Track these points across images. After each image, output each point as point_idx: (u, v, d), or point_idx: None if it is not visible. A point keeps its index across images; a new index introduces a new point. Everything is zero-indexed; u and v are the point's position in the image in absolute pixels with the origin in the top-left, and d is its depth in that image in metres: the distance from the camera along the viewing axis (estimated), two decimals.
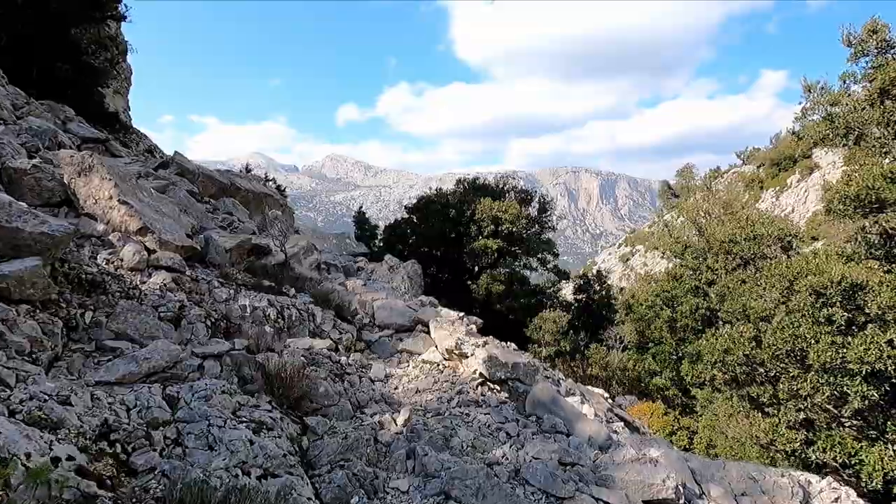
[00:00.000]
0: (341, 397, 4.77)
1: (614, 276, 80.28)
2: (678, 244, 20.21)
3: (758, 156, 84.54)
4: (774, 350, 8.14)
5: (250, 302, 5.56)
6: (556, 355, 24.25)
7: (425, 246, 27.80)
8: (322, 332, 6.04)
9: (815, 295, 7.70)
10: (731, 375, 9.40)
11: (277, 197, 12.87)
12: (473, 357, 5.93)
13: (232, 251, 6.60)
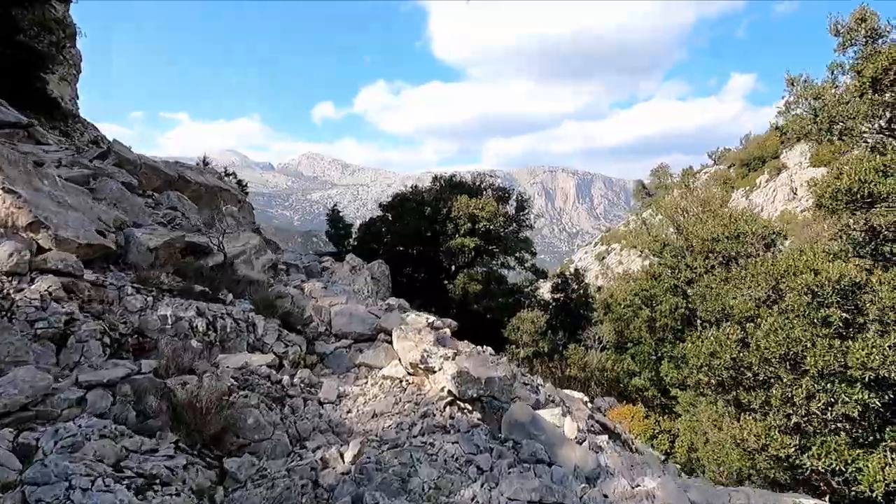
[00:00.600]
0: (276, 428, 3.87)
1: (590, 274, 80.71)
2: (657, 242, 19.79)
3: (728, 156, 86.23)
4: (766, 353, 7.58)
5: (173, 311, 4.61)
6: (535, 356, 23.64)
7: (400, 245, 26.86)
8: (264, 345, 5.13)
9: (811, 295, 7.17)
10: (718, 380, 8.83)
11: (235, 192, 11.81)
12: (441, 372, 5.11)
13: (158, 251, 5.61)
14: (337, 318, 6.24)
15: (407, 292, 25.90)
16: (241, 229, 8.47)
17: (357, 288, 7.10)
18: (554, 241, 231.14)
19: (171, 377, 3.82)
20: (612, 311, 21.23)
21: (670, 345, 18.28)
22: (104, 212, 5.83)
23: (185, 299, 4.97)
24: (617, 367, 20.52)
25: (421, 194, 26.77)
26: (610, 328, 21.63)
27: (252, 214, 12.44)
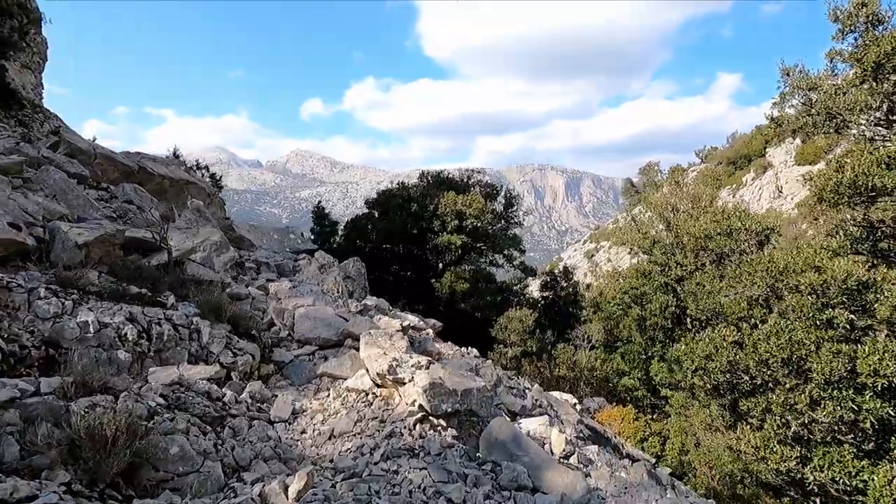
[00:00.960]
0: (208, 458, 3.23)
1: (579, 272, 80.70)
2: (646, 239, 19.35)
3: (715, 154, 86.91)
4: (765, 357, 7.09)
5: (97, 317, 3.93)
6: (523, 356, 23.14)
7: (387, 242, 26.19)
8: (209, 354, 4.47)
9: (815, 295, 6.68)
10: (714, 384, 8.34)
11: (204, 186, 11.07)
12: (412, 384, 4.49)
13: (90, 247, 4.92)
14: (301, 322, 5.59)
15: (393, 291, 25.24)
16: (201, 225, 7.77)
17: (327, 288, 6.44)
18: (543, 239, 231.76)
19: (79, 398, 3.15)
20: (602, 309, 20.78)
21: (660, 344, 17.87)
22: (33, 203, 5.12)
23: (116, 303, 4.29)
24: (606, 366, 20.07)
25: (407, 191, 26.11)
26: (599, 327, 21.19)
27: (223, 210, 11.70)
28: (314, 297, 6.36)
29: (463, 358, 10.35)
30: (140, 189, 8.27)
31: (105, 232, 5.19)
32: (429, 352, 9.11)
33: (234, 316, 4.97)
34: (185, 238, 6.81)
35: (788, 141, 71.91)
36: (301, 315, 5.70)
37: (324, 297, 6.38)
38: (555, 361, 22.14)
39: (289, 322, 5.72)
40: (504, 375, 10.99)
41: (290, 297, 6.27)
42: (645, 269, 18.80)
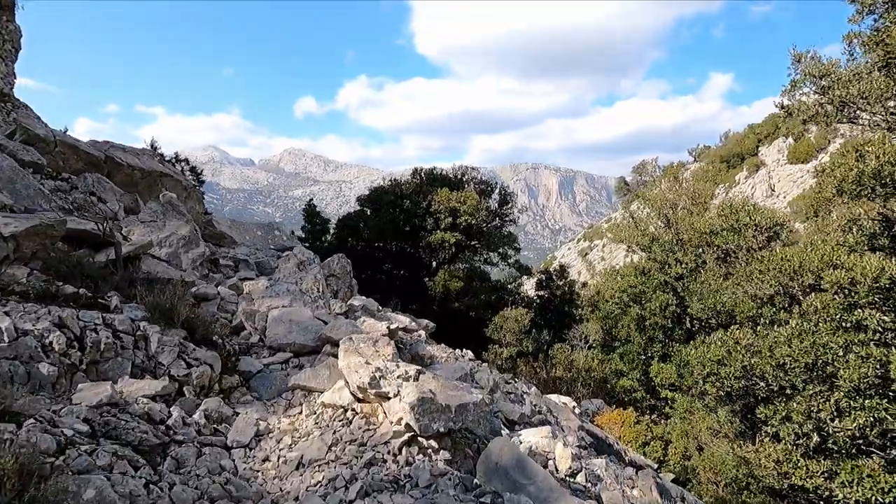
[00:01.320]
0: (136, 502, 2.53)
1: (573, 270, 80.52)
2: (645, 237, 18.78)
3: (709, 153, 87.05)
4: (784, 361, 6.49)
5: (13, 323, 3.24)
6: (518, 356, 22.54)
7: (379, 240, 25.48)
8: (157, 366, 3.77)
9: (842, 294, 6.08)
10: (727, 391, 7.74)
11: (180, 178, 10.31)
12: (398, 399, 3.82)
13: (20, 239, 4.19)
14: (273, 326, 4.91)
15: (386, 290, 24.54)
16: (169, 218, 7.05)
17: (305, 287, 5.77)
18: (537, 238, 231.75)
19: None
20: (599, 308, 20.20)
21: (660, 344, 17.32)
22: None
23: (44, 305, 3.59)
24: (604, 367, 19.50)
25: (400, 187, 25.41)
26: (596, 326, 20.62)
27: (202, 204, 10.95)
28: (291, 297, 5.67)
29: (457, 361, 9.70)
30: (104, 180, 7.54)
31: (40, 222, 4.45)
32: (420, 355, 8.44)
33: (192, 319, 4.26)
34: (147, 232, 6.08)
35: (781, 140, 72.02)
36: (274, 318, 5.01)
37: (302, 298, 5.69)
38: (551, 362, 21.54)
39: (260, 326, 5.03)
40: (501, 380, 10.35)
41: (265, 297, 5.58)
42: (644, 267, 18.24)
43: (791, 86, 10.91)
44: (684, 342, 17.16)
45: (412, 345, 9.48)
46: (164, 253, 6.12)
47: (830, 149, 65.01)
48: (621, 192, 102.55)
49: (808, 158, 66.37)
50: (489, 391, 8.91)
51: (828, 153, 64.52)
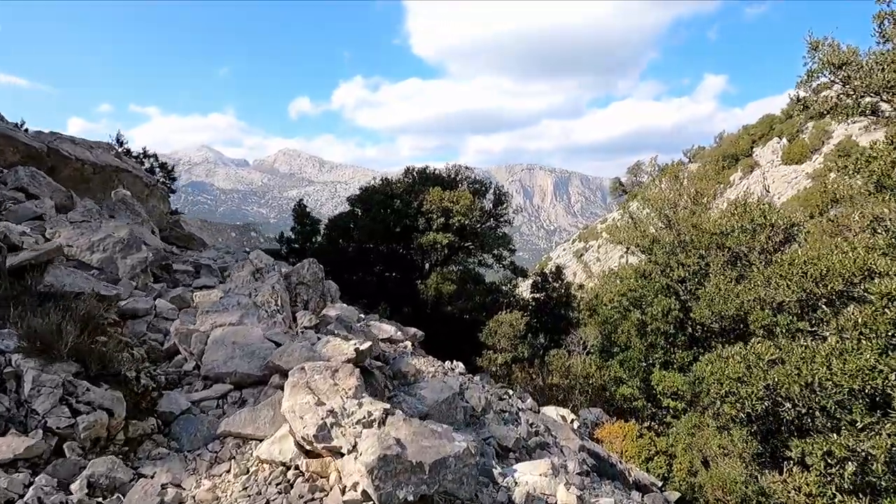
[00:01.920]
0: None
1: (569, 271, 79.95)
2: (645, 238, 17.90)
3: (703, 154, 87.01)
4: (821, 383, 5.60)
5: None
6: (514, 361, 21.63)
7: (369, 241, 24.50)
8: (29, 415, 2.80)
9: (889, 305, 5.20)
10: (747, 413, 6.84)
11: (140, 175, 9.29)
12: (355, 456, 2.87)
13: None
14: (213, 350, 3.94)
15: (376, 293, 23.55)
16: (106, 219, 6.05)
17: (261, 299, 4.79)
18: (532, 238, 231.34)
19: None
20: (598, 313, 19.30)
21: (662, 351, 16.43)
22: None
23: None
24: (603, 373, 18.61)
25: (390, 187, 24.43)
26: (595, 331, 19.72)
27: (166, 202, 9.93)
28: (242, 312, 4.70)
29: (446, 377, 8.75)
30: (40, 174, 6.53)
31: None
32: (403, 372, 7.48)
33: (86, 349, 3.25)
34: (76, 235, 5.09)
35: (775, 140, 71.70)
36: (215, 339, 4.04)
37: (256, 312, 4.73)
38: (547, 368, 20.64)
39: (198, 349, 4.06)
40: (494, 395, 9.40)
41: (210, 312, 4.60)
42: (644, 269, 17.34)
43: (807, 76, 9.98)
44: (687, 349, 16.29)
45: (395, 359, 8.51)
46: (95, 259, 5.14)
47: (825, 150, 64.73)
48: (616, 192, 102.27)
49: (802, 159, 66.05)
50: (481, 411, 7.96)
51: (822, 154, 64.23)
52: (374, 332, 9.84)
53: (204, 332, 4.29)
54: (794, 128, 71.62)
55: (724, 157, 75.34)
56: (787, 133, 71.33)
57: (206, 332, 4.30)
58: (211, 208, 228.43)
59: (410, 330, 11.89)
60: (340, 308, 9.38)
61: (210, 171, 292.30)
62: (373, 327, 9.95)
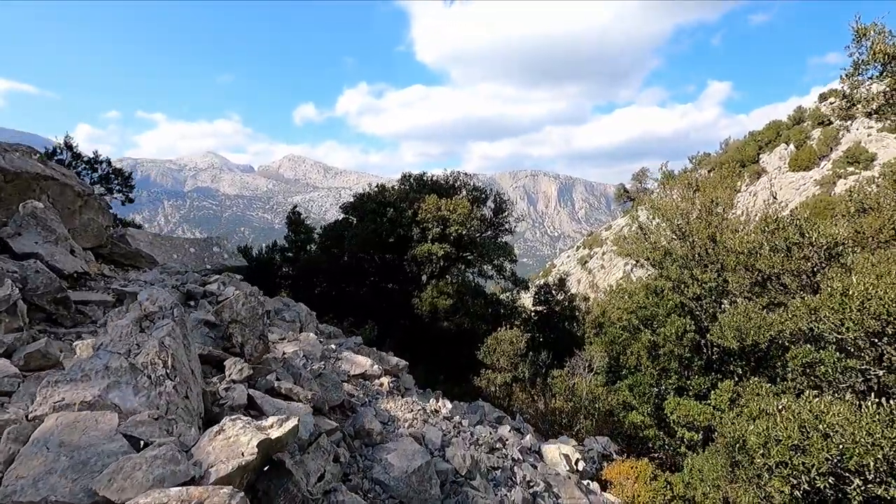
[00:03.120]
0: None
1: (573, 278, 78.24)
2: (656, 251, 16.36)
3: (709, 160, 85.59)
4: None
5: None
6: (514, 381, 20.04)
7: (362, 251, 23.05)
8: None
9: None
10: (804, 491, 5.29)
11: (70, 182, 7.87)
12: None
13: None
14: (27, 459, 2.50)
15: (370, 304, 22.05)
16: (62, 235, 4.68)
17: (143, 361, 3.37)
18: (536, 245, 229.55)
19: None
20: (605, 331, 17.72)
21: (675, 375, 14.85)
22: None
23: None
24: (610, 397, 17.00)
25: (384, 194, 23.00)
26: (601, 351, 18.13)
27: (107, 215, 8.50)
28: (109, 380, 3.25)
29: (426, 425, 7.23)
30: None
31: None
32: (367, 430, 5.97)
33: None
34: None
35: (782, 147, 69.93)
36: (37, 439, 2.59)
37: (134, 380, 3.27)
38: (550, 390, 19.04)
39: (6, 454, 2.60)
40: (485, 447, 7.86)
41: (61, 383, 3.15)
42: (654, 285, 15.79)
43: (854, 68, 8.43)
44: (704, 374, 14.69)
45: (364, 405, 7.01)
46: None
47: (833, 156, 62.95)
48: (621, 199, 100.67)
49: (809, 166, 64.23)
50: (465, 474, 6.43)
51: (830, 160, 62.44)
52: (345, 366, 8.33)
53: (29, 423, 2.82)
54: (801, 134, 69.94)
55: (730, 164, 73.49)
56: (795, 139, 69.68)
57: (33, 423, 2.84)
58: (216, 214, 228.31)
59: (392, 360, 10.38)
60: (304, 341, 7.89)
61: (216, 177, 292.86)
62: (343, 361, 8.44)
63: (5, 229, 6.28)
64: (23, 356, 3.71)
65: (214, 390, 4.49)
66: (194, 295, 7.89)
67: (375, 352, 10.52)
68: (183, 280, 8.31)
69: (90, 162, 10.58)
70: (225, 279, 8.89)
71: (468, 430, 8.18)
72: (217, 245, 9.69)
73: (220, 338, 5.54)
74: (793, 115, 73.95)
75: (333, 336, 12.27)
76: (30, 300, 5.02)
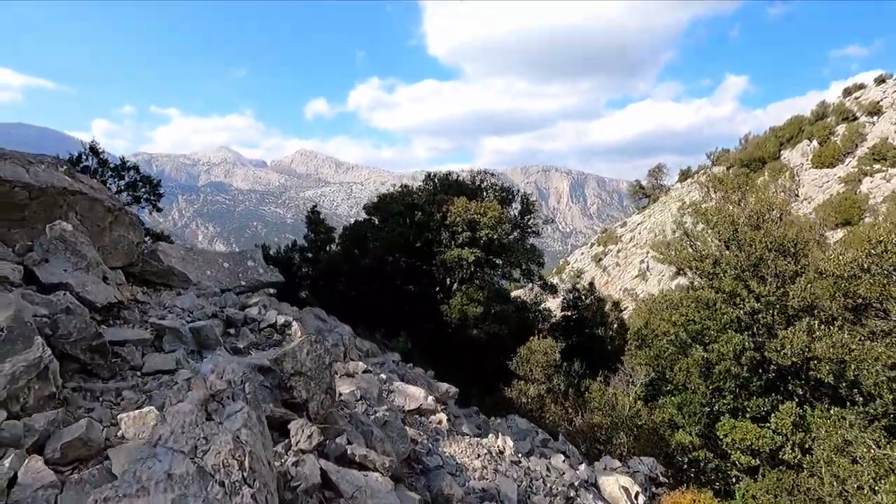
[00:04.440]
0: None
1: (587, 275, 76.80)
2: (706, 260, 15.28)
3: (727, 157, 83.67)
4: None
5: None
6: (547, 392, 19.15)
7: (387, 254, 22.20)
8: None
9: None
10: None
11: (100, 196, 7.09)
12: None
13: None
14: None
15: (394, 308, 21.22)
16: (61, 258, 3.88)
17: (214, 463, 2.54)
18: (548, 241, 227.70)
19: None
20: (650, 345, 16.71)
21: (731, 395, 13.83)
22: None
23: None
24: (654, 415, 16.04)
25: (411, 195, 22.08)
26: (643, 363, 17.12)
27: (139, 230, 7.73)
28: (176, 493, 2.43)
29: (497, 476, 6.35)
30: None
31: None
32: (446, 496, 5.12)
33: None
34: None
35: (805, 143, 67.75)
36: None
37: (204, 490, 2.46)
38: (588, 406, 18.10)
39: None
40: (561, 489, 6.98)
41: (111, 501, 2.33)
42: (705, 297, 14.74)
43: None
44: (763, 395, 13.66)
45: (429, 452, 6.17)
46: None
47: (858, 153, 60.79)
48: (636, 195, 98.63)
49: (834, 163, 62.07)
50: None
51: (855, 157, 60.32)
52: (398, 400, 7.49)
53: None
54: (825, 130, 67.74)
55: (749, 160, 71.84)
56: (818, 135, 67.50)
57: None
58: (229, 208, 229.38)
59: (442, 387, 9.53)
60: (358, 376, 7.05)
61: (229, 172, 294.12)
62: (396, 393, 7.59)
63: (31, 255, 5.49)
64: (59, 447, 2.90)
65: (284, 470, 3.66)
66: (234, 322, 7.11)
67: (423, 376, 9.68)
68: (221, 303, 7.52)
69: (117, 168, 9.77)
70: (265, 301, 8.09)
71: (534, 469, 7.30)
72: (251, 258, 8.87)
73: (276, 387, 4.72)
74: (815, 109, 71.62)
75: (371, 354, 11.47)
76: (61, 348, 4.22)
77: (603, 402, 17.41)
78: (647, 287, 71.96)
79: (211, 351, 5.73)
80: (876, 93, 68.54)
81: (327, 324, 11.52)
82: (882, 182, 51.81)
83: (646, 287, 72.15)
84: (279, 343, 7.07)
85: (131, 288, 7.43)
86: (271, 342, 7.05)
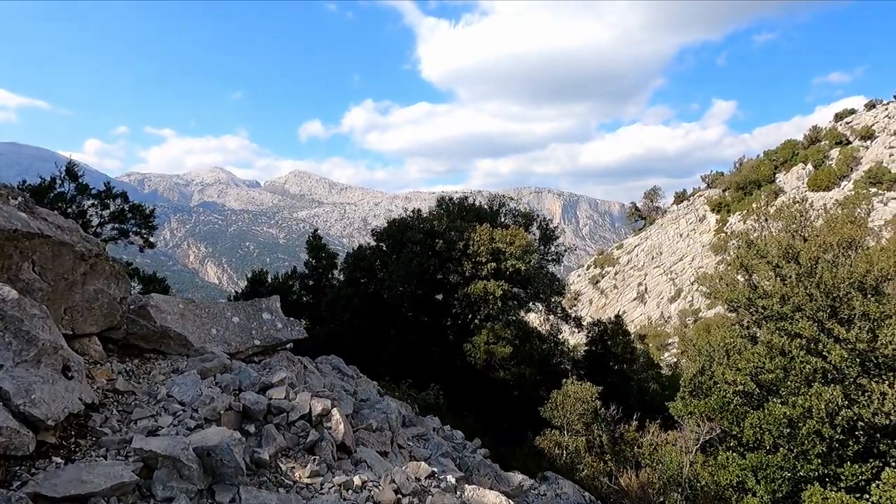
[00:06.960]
0: None
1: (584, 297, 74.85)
2: (772, 299, 13.40)
3: (722, 179, 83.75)
4: None
5: None
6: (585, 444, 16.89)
7: (400, 286, 20.03)
8: None
9: None
10: None
11: (68, 239, 5.04)
12: None
13: None
14: None
15: (405, 347, 18.99)
16: None
17: None
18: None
19: None
20: (709, 394, 14.61)
21: (818, 460, 11.78)
22: None
23: None
24: (718, 476, 13.87)
25: (429, 222, 20.05)
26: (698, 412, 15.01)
27: (122, 284, 5.68)
28: None
29: None
30: None
31: None
32: None
33: None
34: None
35: (800, 166, 67.37)
36: None
37: None
38: (635, 460, 15.88)
39: None
40: None
41: None
42: (779, 344, 12.81)
43: None
44: (860, 460, 11.64)
45: None
46: None
47: (854, 176, 60.29)
48: (632, 217, 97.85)
49: (829, 186, 61.49)
50: None
51: (851, 181, 59.75)
52: None
53: None
54: (819, 153, 67.66)
55: (745, 183, 71.63)
56: (813, 159, 67.38)
57: None
58: (222, 228, 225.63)
59: (514, 479, 7.37)
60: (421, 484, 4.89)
61: (222, 192, 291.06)
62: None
63: None
64: None
65: None
66: (255, 415, 4.96)
67: (488, 463, 7.49)
68: (235, 383, 5.38)
69: (99, 196, 7.68)
70: (292, 377, 5.97)
71: None
72: (268, 310, 6.79)
73: None
74: (808, 134, 71.76)
75: (409, 422, 9.28)
76: None
77: (655, 459, 15.16)
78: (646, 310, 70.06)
79: (229, 488, 3.61)
80: (867, 117, 68.92)
81: (353, 381, 9.38)
82: (880, 206, 50.99)
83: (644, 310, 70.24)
84: (316, 445, 4.96)
85: (111, 365, 5.29)
86: (305, 445, 4.93)
